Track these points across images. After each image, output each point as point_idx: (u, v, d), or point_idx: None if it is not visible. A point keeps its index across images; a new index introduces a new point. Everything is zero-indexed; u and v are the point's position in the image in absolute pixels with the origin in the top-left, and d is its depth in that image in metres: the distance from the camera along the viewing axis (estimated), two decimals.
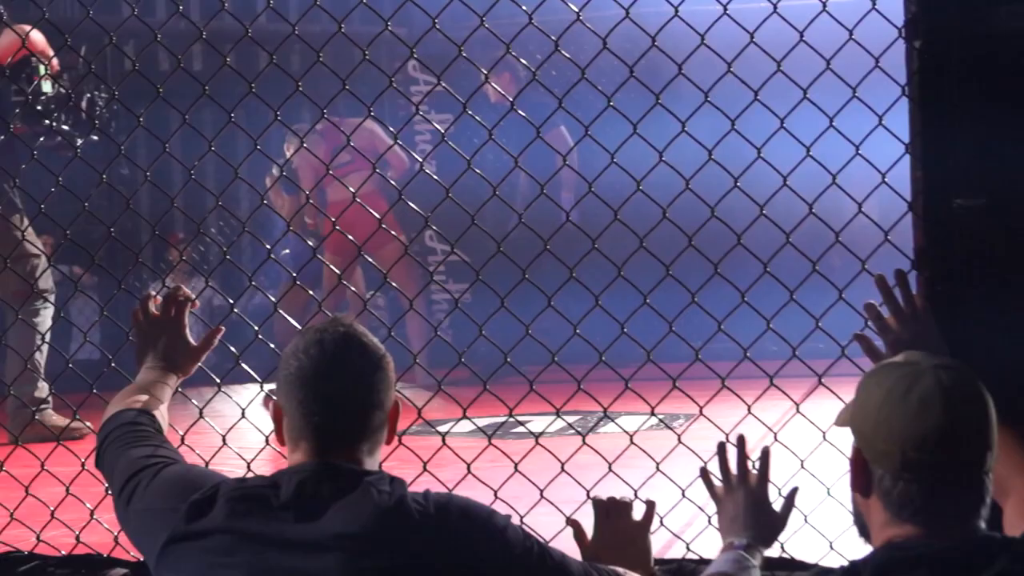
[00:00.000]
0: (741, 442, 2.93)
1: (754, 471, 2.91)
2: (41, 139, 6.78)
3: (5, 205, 6.07)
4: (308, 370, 2.55)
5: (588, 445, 3.99)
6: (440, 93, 9.95)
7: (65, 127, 6.85)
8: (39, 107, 6.85)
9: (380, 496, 2.47)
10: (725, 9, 3.73)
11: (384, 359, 2.60)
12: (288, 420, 2.58)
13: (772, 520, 2.87)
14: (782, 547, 3.29)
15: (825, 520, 3.68)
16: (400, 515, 2.46)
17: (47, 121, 6.84)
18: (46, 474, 4.25)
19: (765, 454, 2.91)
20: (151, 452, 2.82)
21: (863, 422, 2.29)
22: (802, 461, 3.75)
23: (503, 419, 4.53)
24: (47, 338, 6.31)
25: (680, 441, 3.99)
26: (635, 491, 3.64)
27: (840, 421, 2.38)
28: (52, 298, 6.78)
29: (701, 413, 3.91)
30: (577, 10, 3.74)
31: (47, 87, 6.90)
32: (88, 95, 7.11)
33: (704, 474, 2.97)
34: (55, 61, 6.91)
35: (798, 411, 3.83)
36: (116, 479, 2.81)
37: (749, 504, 2.86)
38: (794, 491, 2.95)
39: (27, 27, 6.43)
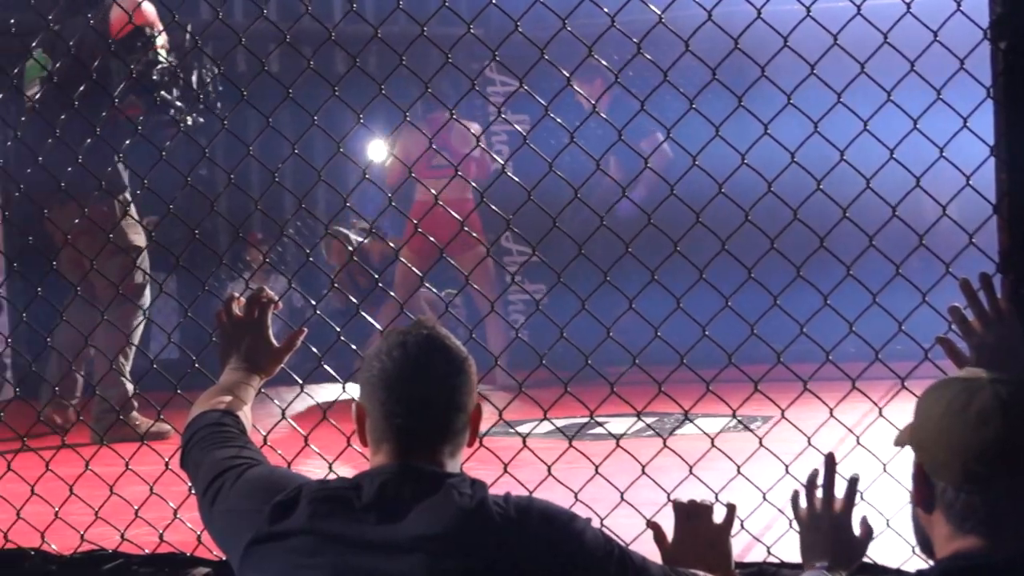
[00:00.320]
0: (830, 463, 2.92)
1: (839, 496, 2.89)
2: (148, 115, 6.75)
3: (110, 182, 5.96)
4: (391, 372, 2.56)
5: (668, 448, 3.99)
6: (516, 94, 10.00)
7: (177, 102, 6.85)
8: (154, 77, 6.84)
9: (461, 498, 2.48)
10: (808, 11, 3.71)
11: (466, 362, 2.61)
12: (371, 421, 2.60)
13: (853, 545, 2.87)
14: None
15: (907, 524, 3.65)
16: (481, 517, 2.46)
17: (162, 92, 6.82)
18: (130, 474, 4.29)
19: (853, 482, 2.90)
20: (235, 453, 2.85)
21: (924, 436, 2.32)
22: (884, 464, 3.73)
23: (582, 420, 4.52)
24: (135, 339, 6.31)
25: (761, 444, 3.97)
26: (716, 494, 3.63)
27: (899, 441, 2.41)
28: (147, 295, 6.74)
29: (783, 416, 3.89)
30: (659, 12, 3.73)
31: (162, 56, 6.89)
32: (196, 71, 7.12)
33: (793, 499, 2.95)
34: (165, 35, 6.91)
35: (880, 414, 3.80)
36: (201, 479, 2.84)
37: (831, 528, 2.86)
38: (869, 525, 2.92)
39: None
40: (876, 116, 3.72)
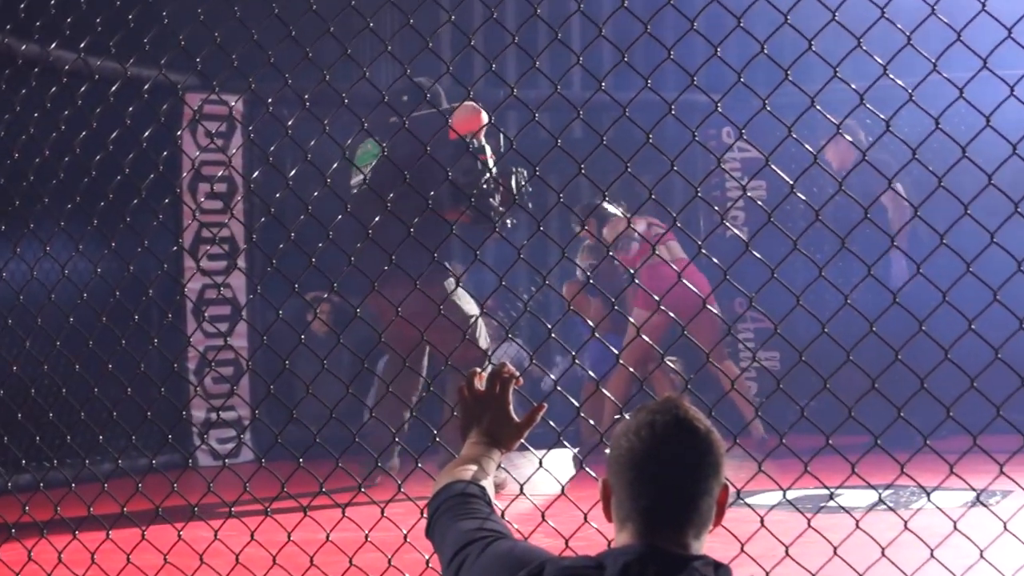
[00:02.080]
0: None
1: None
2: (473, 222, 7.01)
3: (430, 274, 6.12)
4: (639, 452, 2.56)
5: (909, 530, 3.90)
6: (750, 161, 9.95)
7: (502, 208, 7.06)
8: (484, 186, 7.06)
9: None
10: None
11: (715, 444, 2.60)
12: (616, 499, 2.60)
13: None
14: None
15: None
16: None
17: (490, 200, 7.05)
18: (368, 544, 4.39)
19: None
20: (480, 525, 2.87)
21: None
22: None
23: (816, 492, 4.47)
24: None
25: (1006, 528, 3.88)
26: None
27: None
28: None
29: None
30: (910, 91, 3.72)
31: (490, 165, 7.12)
32: (514, 175, 7.30)
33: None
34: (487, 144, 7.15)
35: None
36: (446, 550, 2.87)
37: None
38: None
39: (475, 104, 6.63)
40: None
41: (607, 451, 2.63)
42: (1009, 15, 3.80)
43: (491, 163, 7.10)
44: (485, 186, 7.04)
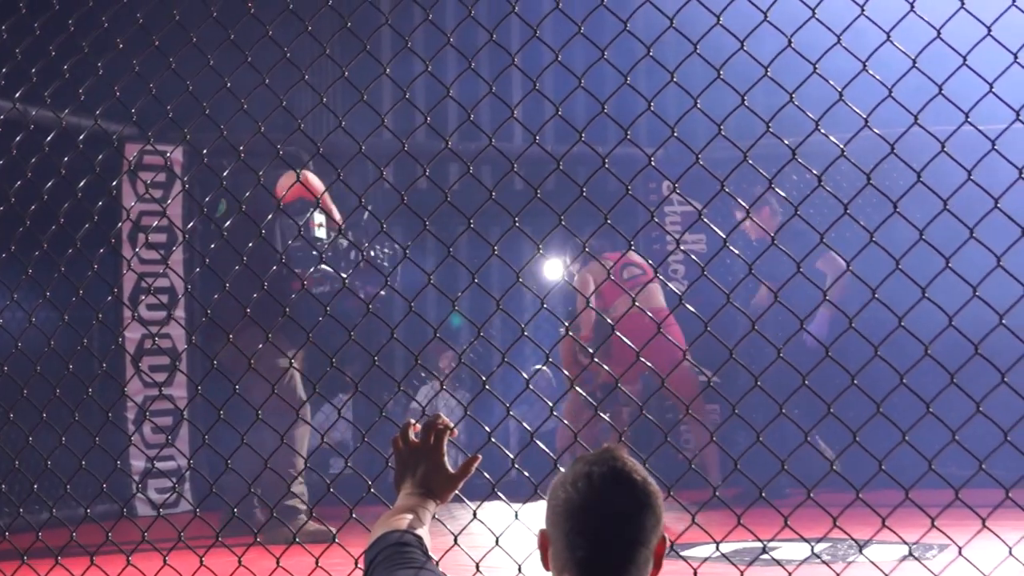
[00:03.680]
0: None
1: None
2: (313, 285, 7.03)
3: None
4: (575, 503, 2.56)
5: None
6: (692, 214, 10.03)
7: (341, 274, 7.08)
8: (313, 252, 7.10)
9: None
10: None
11: (652, 497, 2.60)
12: (553, 550, 2.60)
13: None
14: None
15: None
16: None
17: (323, 267, 7.08)
18: None
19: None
20: (415, 574, 2.87)
21: None
22: None
23: (752, 545, 4.48)
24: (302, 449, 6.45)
25: None
26: None
27: None
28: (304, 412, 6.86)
29: (960, 554, 3.82)
30: (842, 147, 3.76)
31: (320, 233, 7.15)
32: (353, 243, 7.35)
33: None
34: (336, 214, 7.15)
35: None
36: None
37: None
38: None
39: (309, 173, 6.65)
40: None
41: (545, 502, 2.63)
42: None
43: (322, 231, 7.16)
44: (315, 253, 7.15)
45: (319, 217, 7.20)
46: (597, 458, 2.60)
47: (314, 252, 7.07)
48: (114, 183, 5.92)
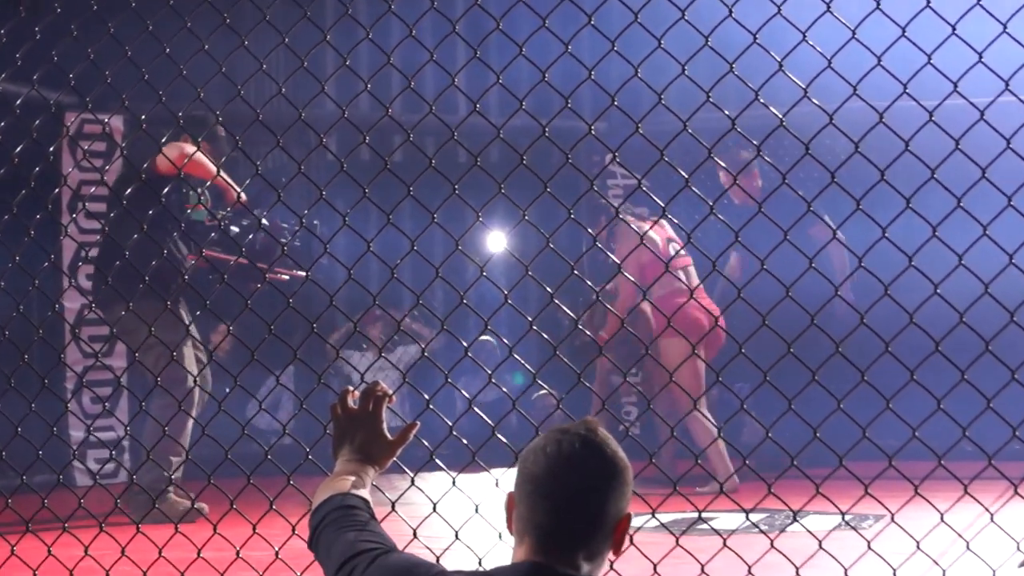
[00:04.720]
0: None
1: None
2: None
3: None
4: (541, 468, 2.57)
5: (776, 549, 3.97)
6: (636, 186, 9.99)
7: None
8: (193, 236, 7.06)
9: None
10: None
11: (620, 469, 2.59)
12: (517, 513, 2.60)
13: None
14: None
15: None
16: None
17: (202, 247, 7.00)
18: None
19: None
20: (367, 537, 2.87)
21: None
22: (994, 571, 3.69)
23: (690, 516, 4.51)
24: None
25: (870, 547, 3.94)
26: None
27: None
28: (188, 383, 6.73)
29: (893, 520, 3.87)
30: (780, 115, 3.78)
31: (199, 216, 7.01)
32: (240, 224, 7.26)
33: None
34: (243, 196, 6.99)
35: (992, 520, 3.76)
36: (331, 562, 2.86)
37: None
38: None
39: (190, 148, 6.58)
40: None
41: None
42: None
43: (201, 214, 7.04)
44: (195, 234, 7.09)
45: (195, 196, 7.03)
46: (572, 427, 2.61)
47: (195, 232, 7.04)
48: (51, 149, 5.87)
